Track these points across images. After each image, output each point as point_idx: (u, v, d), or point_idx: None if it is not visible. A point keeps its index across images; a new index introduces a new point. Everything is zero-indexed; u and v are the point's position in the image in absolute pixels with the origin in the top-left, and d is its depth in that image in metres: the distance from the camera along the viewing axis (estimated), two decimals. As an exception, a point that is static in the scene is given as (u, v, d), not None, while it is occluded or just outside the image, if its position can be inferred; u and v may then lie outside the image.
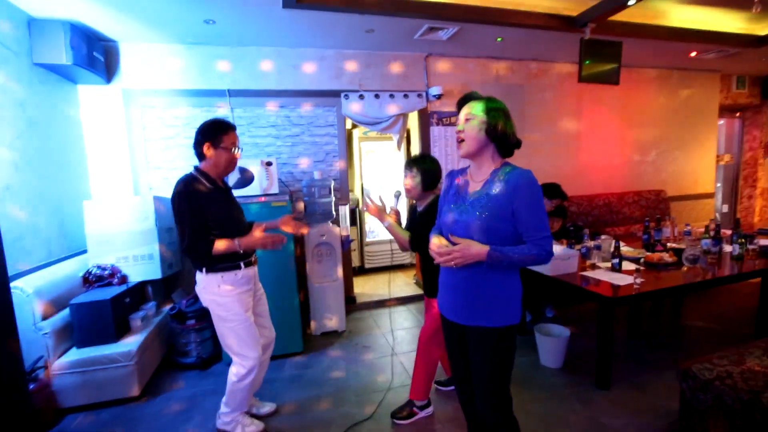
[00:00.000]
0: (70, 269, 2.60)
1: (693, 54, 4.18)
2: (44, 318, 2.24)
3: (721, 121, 5.49)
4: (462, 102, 1.41)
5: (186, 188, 1.79)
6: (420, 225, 1.91)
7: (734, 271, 2.59)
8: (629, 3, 2.77)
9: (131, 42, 3.11)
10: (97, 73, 2.88)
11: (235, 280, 1.88)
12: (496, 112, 1.33)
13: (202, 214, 1.78)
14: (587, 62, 3.26)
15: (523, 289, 1.43)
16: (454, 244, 1.34)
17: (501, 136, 1.33)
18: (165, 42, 3.15)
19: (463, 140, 1.36)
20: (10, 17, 2.39)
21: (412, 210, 2.16)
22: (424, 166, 1.97)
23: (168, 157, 3.27)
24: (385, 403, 2.26)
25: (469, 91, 1.43)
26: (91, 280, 2.63)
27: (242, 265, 1.90)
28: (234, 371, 1.94)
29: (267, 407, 2.21)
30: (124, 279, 2.73)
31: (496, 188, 1.32)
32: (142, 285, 2.86)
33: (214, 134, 1.85)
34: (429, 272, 2.00)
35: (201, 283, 1.89)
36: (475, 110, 1.34)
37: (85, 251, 2.78)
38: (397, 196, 2.20)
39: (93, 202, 2.78)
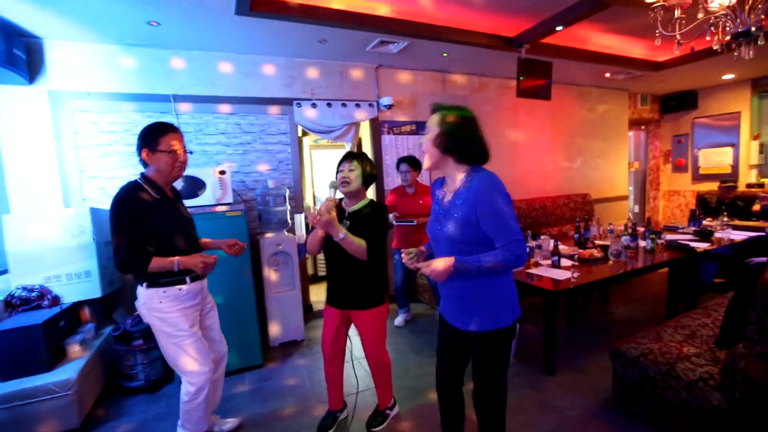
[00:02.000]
0: (-12, 293, 2.30)
1: (607, 75, 4.79)
2: (-42, 350, 1.96)
3: (631, 133, 6.31)
4: (432, 113, 1.42)
5: (126, 195, 1.67)
6: (370, 229, 1.83)
7: (649, 262, 3.01)
8: (557, 28, 3.13)
9: (59, 39, 2.83)
10: (18, 72, 2.59)
11: (179, 295, 1.77)
12: (451, 123, 1.32)
13: (142, 225, 1.67)
14: (522, 78, 3.60)
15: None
16: (423, 252, 1.43)
17: (454, 146, 1.32)
18: (101, 42, 2.92)
19: (424, 154, 1.39)
20: None
21: (340, 213, 1.94)
22: (364, 159, 1.90)
23: (105, 165, 3.01)
24: (350, 407, 2.28)
25: (437, 103, 1.44)
26: (14, 304, 2.34)
27: (188, 279, 1.79)
28: (184, 390, 1.84)
29: (229, 423, 2.12)
30: (56, 300, 2.46)
31: (461, 196, 1.34)
32: (77, 306, 2.60)
33: (151, 138, 1.74)
34: (348, 282, 1.92)
35: (142, 298, 1.77)
36: (432, 122, 1.36)
37: (5, 271, 2.47)
38: (333, 186, 1.87)
39: (13, 216, 2.48)
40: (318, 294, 4.38)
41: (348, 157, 1.89)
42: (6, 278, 2.44)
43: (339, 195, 1.94)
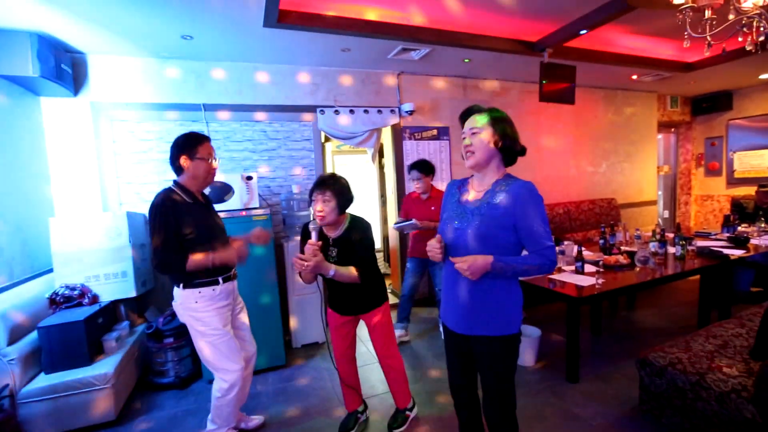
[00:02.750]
0: (36, 290, 2.47)
1: (634, 77, 4.67)
2: (10, 343, 2.11)
3: (660, 136, 6.11)
4: (465, 115, 1.44)
5: (163, 201, 1.78)
6: (359, 251, 1.84)
7: (678, 269, 2.92)
8: (581, 32, 3.09)
9: (101, 54, 3.03)
10: (65, 85, 2.78)
11: (213, 296, 1.86)
12: (501, 123, 1.37)
13: (179, 229, 1.77)
14: (545, 82, 3.58)
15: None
16: (452, 250, 1.43)
17: (508, 146, 1.37)
18: (138, 55, 3.10)
19: (472, 152, 1.38)
20: (-27, 27, 2.28)
21: (325, 240, 1.89)
22: (337, 186, 1.79)
23: (140, 171, 3.18)
24: (372, 410, 2.32)
25: (471, 105, 1.47)
26: (58, 302, 2.50)
27: (221, 280, 1.90)
28: (216, 387, 1.93)
29: (255, 420, 2.20)
30: (95, 299, 2.62)
31: (498, 198, 1.35)
32: (114, 304, 2.75)
33: (190, 146, 1.86)
34: (349, 291, 1.94)
35: (178, 298, 1.86)
36: (481, 122, 1.38)
37: (50, 271, 2.64)
38: (316, 229, 1.80)
39: (59, 219, 2.66)
40: (339, 297, 4.44)
41: (320, 186, 1.79)
42: (51, 277, 2.61)
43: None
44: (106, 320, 2.60)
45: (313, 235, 1.78)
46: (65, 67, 2.79)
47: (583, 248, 2.99)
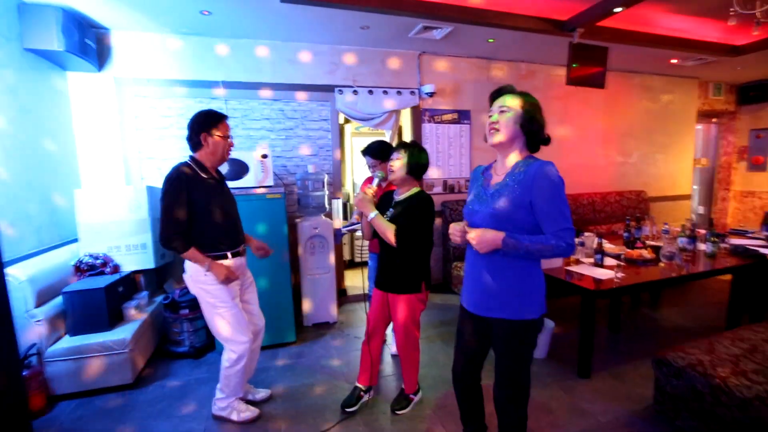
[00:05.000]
0: (62, 258, 2.59)
1: (674, 61, 4.36)
2: (37, 305, 2.23)
3: (699, 126, 5.72)
4: (496, 94, 1.43)
5: (177, 175, 1.81)
6: (404, 217, 1.88)
7: (708, 267, 2.75)
8: (615, 10, 2.89)
9: (124, 30, 3.07)
10: (89, 60, 2.85)
11: None
12: (532, 107, 1.35)
13: (191, 202, 1.81)
14: (575, 65, 3.38)
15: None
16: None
17: (534, 130, 1.35)
18: (159, 31, 3.13)
19: (497, 129, 1.36)
20: None
21: (386, 199, 2.08)
22: (414, 149, 1.94)
23: (161, 147, 3.25)
24: (377, 389, 2.33)
25: (504, 84, 1.44)
26: (82, 269, 2.62)
27: (229, 255, 1.94)
28: (225, 357, 1.99)
29: (262, 393, 2.26)
30: (116, 268, 2.72)
31: (516, 178, 1.34)
32: (134, 274, 2.86)
33: (209, 124, 1.90)
34: (388, 266, 2.01)
35: (188, 270, 1.92)
36: (512, 103, 1.36)
37: (76, 240, 2.76)
38: (378, 176, 2.03)
39: (84, 190, 2.77)
40: (353, 279, 4.47)
41: (400, 145, 1.96)
42: (76, 247, 2.73)
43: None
44: (126, 289, 2.71)
45: (375, 180, 2.03)
46: (89, 42, 2.84)
47: (604, 241, 2.86)
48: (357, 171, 5.28)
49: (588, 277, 2.51)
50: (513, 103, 1.36)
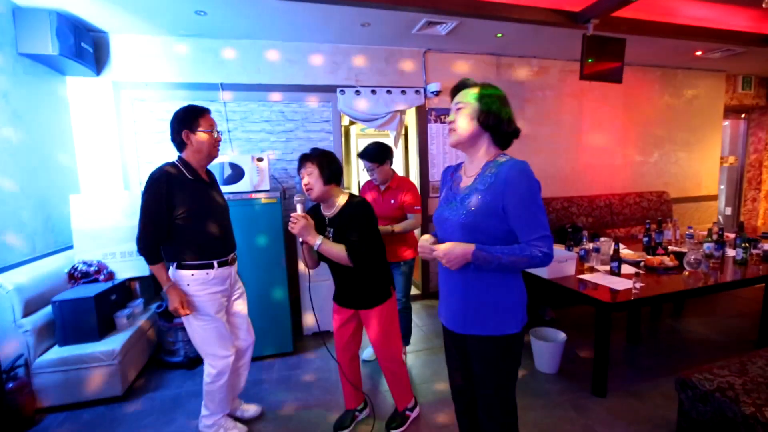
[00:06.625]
0: (56, 265, 2.54)
1: (698, 53, 4.08)
2: (25, 315, 2.18)
3: (726, 122, 5.38)
4: (455, 90, 1.32)
5: (159, 176, 1.70)
6: (349, 232, 1.69)
7: (737, 276, 2.51)
8: (633, -2, 2.68)
9: (121, 33, 3.03)
10: (86, 64, 2.80)
11: (206, 280, 1.79)
12: (489, 98, 1.23)
13: (171, 205, 1.70)
14: (590, 60, 3.17)
15: (527, 293, 1.33)
16: (441, 242, 1.29)
17: (494, 124, 1.22)
18: (156, 34, 3.07)
19: (454, 129, 1.26)
20: (-6, 5, 2.32)
21: (315, 217, 1.80)
22: (317, 156, 1.72)
23: (159, 151, 3.19)
24: (374, 406, 2.19)
25: (463, 79, 1.31)
26: (76, 277, 2.57)
27: (215, 264, 1.81)
28: (206, 372, 1.88)
29: (252, 410, 2.15)
30: (110, 275, 2.67)
31: (486, 181, 1.22)
32: (129, 282, 2.80)
33: (191, 119, 1.77)
34: (348, 284, 1.85)
35: (172, 278, 1.81)
36: (467, 98, 1.25)
37: (71, 247, 2.72)
38: (301, 201, 1.73)
39: (80, 196, 2.72)
40: (357, 285, 4.34)
41: (302, 160, 1.74)
42: (71, 254, 2.69)
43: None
44: (119, 297, 2.64)
45: (299, 207, 1.72)
46: (85, 46, 2.80)
47: (621, 246, 2.65)
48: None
49: (603, 287, 2.31)
50: (469, 97, 1.25)
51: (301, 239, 1.70)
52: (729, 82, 5.07)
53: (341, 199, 1.78)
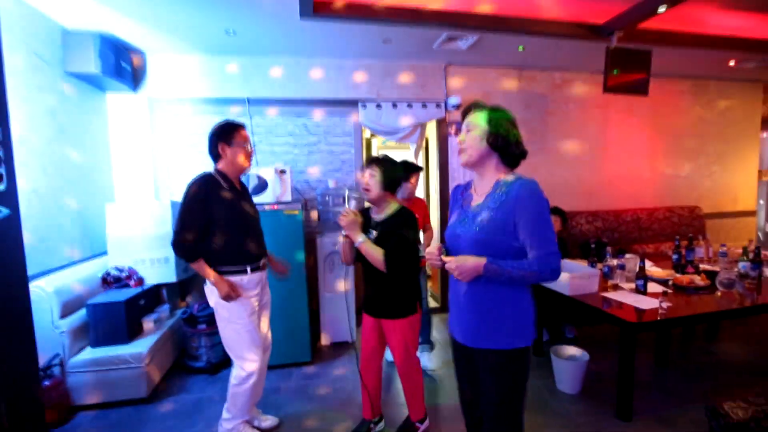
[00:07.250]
0: (92, 270, 2.69)
1: (732, 63, 3.94)
2: (62, 316, 2.32)
3: (765, 134, 5.13)
4: (466, 112, 1.38)
5: (200, 183, 1.83)
6: (391, 239, 1.76)
7: (775, 298, 2.38)
8: (659, 10, 2.63)
9: (157, 52, 3.22)
10: (124, 81, 3.00)
11: (240, 284, 1.90)
12: (498, 121, 1.29)
13: (210, 213, 1.81)
14: (615, 72, 3.11)
15: (536, 308, 1.35)
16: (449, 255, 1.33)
17: (502, 146, 1.29)
18: (188, 52, 3.25)
19: (464, 150, 1.33)
20: (46, 29, 2.53)
21: (366, 220, 1.91)
22: (385, 164, 1.84)
23: (190, 164, 3.35)
24: (388, 419, 2.19)
25: (474, 101, 1.38)
26: (109, 281, 2.71)
27: (249, 269, 1.92)
28: (234, 374, 1.96)
29: (269, 421, 2.18)
30: (140, 281, 2.80)
31: (497, 199, 1.27)
32: (157, 287, 2.92)
33: (228, 133, 1.91)
34: (378, 291, 1.89)
35: (208, 283, 1.91)
36: (477, 120, 1.31)
37: (105, 253, 2.88)
38: (355, 197, 1.90)
39: (115, 205, 2.88)
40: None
41: (368, 162, 1.88)
42: (105, 260, 2.84)
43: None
44: (148, 302, 2.76)
45: (352, 203, 1.85)
46: (125, 65, 3.00)
47: (649, 263, 2.56)
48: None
49: (628, 305, 2.24)
50: (478, 120, 1.32)
51: (345, 232, 1.79)
52: (767, 92, 4.85)
53: (392, 208, 1.86)
